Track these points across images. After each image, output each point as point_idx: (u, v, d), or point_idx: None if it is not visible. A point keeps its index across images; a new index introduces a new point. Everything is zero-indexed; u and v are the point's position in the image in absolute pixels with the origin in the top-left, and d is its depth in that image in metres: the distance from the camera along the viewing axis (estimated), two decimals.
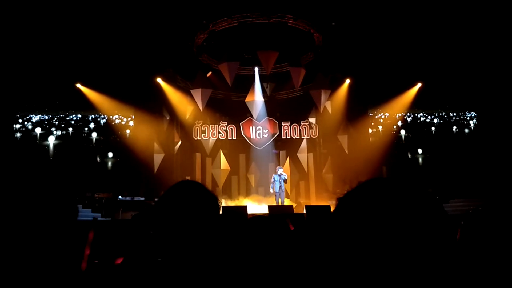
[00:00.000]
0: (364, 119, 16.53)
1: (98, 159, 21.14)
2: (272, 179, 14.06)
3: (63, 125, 25.73)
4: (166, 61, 14.77)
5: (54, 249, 1.40)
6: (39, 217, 1.41)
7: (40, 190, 1.48)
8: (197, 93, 14.87)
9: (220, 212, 1.58)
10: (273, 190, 14.02)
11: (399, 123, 23.29)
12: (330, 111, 16.01)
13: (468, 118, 24.50)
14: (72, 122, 26.48)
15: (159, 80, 15.12)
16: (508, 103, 14.79)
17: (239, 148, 16.54)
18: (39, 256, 1.37)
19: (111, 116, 19.77)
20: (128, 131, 21.49)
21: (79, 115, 26.33)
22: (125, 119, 21.37)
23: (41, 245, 1.38)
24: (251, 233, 1.79)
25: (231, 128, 16.13)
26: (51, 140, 22.86)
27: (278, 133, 16.21)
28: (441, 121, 26.24)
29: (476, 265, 1.40)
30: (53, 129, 24.89)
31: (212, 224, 1.47)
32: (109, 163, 21.45)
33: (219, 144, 16.27)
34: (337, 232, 0.88)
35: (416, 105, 17.48)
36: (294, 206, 13.21)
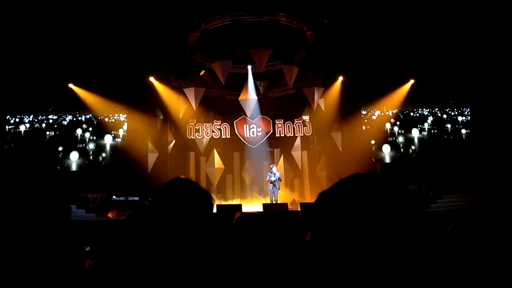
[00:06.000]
0: (357, 116, 16.57)
1: (92, 159, 21.03)
2: (268, 177, 14.05)
3: (55, 126, 25.56)
4: (159, 60, 14.73)
5: (46, 248, 1.39)
6: (31, 216, 1.40)
7: (32, 191, 1.47)
8: (190, 92, 14.83)
9: (214, 210, 1.58)
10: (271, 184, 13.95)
11: (392, 120, 23.36)
12: (323, 108, 16.05)
13: (461, 114, 24.62)
14: (65, 122, 26.30)
15: (152, 79, 15.08)
16: (501, 99, 14.89)
17: (233, 147, 16.52)
18: (31, 255, 1.36)
19: (104, 116, 19.67)
20: (121, 130, 21.40)
21: (72, 116, 26.17)
22: (118, 119, 21.27)
23: (33, 244, 1.37)
24: (245, 230, 1.80)
25: (225, 127, 16.13)
26: (44, 141, 22.72)
27: (272, 131, 16.22)
28: (434, 118, 26.35)
29: (469, 258, 1.41)
30: (45, 129, 24.73)
31: (206, 221, 1.47)
32: (103, 163, 21.35)
33: (213, 142, 16.26)
34: (317, 229, 0.89)
35: (409, 102, 17.53)
36: (288, 204, 13.24)
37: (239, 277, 1.60)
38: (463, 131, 22.65)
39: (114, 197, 14.19)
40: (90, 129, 24.30)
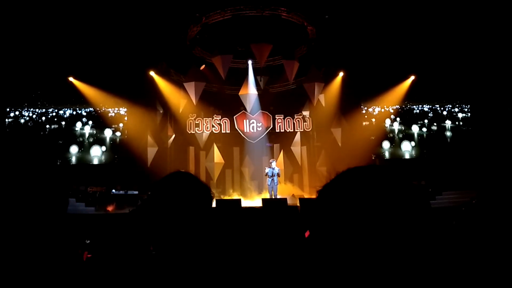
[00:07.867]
0: (357, 112, 16.56)
1: (91, 153, 21.03)
2: (266, 172, 14.04)
3: (55, 119, 25.53)
4: (159, 54, 14.69)
5: (41, 240, 1.39)
6: (27, 208, 1.40)
7: (29, 183, 1.47)
8: (190, 86, 14.81)
9: (214, 204, 1.57)
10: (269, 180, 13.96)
11: (392, 116, 23.33)
12: (323, 104, 16.01)
13: (461, 110, 24.59)
14: (65, 116, 26.26)
15: (152, 73, 15.05)
16: (501, 96, 14.88)
17: (233, 142, 16.52)
18: (26, 247, 1.36)
19: (104, 110, 19.65)
20: (121, 124, 21.38)
21: (72, 109, 26.14)
22: (118, 113, 21.24)
23: (28, 236, 1.37)
24: (245, 224, 1.80)
25: (225, 122, 16.12)
26: (44, 134, 22.69)
27: (271, 126, 16.22)
28: (434, 114, 26.32)
29: (477, 252, 1.41)
30: (45, 123, 24.71)
31: (205, 215, 1.46)
32: (102, 157, 21.35)
33: (213, 137, 16.24)
34: (319, 225, 0.88)
35: (409, 98, 17.52)
36: (287, 199, 13.23)
37: (238, 272, 1.60)
38: (463, 127, 22.65)
39: (113, 191, 14.22)
40: (90, 122, 24.27)
